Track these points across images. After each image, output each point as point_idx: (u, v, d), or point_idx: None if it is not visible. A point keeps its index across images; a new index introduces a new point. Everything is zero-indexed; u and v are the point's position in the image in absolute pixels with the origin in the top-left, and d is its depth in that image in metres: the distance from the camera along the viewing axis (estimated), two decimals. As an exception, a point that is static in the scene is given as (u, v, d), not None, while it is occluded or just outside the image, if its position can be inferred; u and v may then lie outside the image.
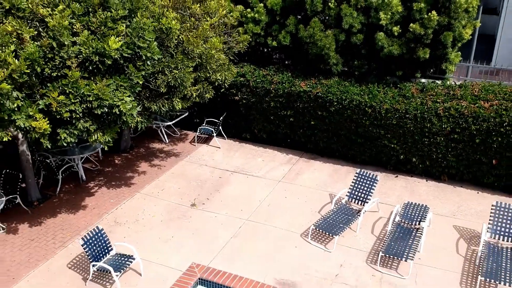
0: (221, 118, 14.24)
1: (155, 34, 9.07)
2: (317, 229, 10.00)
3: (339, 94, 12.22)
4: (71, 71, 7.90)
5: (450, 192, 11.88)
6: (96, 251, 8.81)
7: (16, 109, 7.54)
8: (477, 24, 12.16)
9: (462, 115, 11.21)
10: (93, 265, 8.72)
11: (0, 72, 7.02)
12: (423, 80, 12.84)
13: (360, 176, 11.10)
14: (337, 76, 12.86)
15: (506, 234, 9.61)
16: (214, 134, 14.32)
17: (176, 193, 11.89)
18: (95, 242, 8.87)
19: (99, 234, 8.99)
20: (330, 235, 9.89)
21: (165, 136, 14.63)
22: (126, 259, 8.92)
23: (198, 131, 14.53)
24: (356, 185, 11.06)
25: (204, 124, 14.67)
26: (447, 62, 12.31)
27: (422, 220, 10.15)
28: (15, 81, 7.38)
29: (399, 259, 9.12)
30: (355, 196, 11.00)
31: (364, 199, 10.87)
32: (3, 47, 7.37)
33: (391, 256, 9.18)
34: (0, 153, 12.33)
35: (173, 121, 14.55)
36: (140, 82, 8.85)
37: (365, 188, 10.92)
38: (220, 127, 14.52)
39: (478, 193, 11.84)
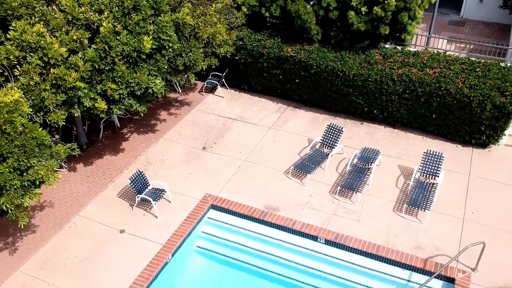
0: (224, 73, 17.46)
1: (173, 27, 12.14)
2: (296, 168, 13.73)
3: (318, 59, 15.37)
4: (118, 65, 11.15)
5: (401, 137, 15.46)
6: (139, 186, 12.60)
7: (83, 94, 10.90)
8: (432, 0, 14.97)
9: (411, 80, 14.48)
10: (138, 196, 12.56)
11: (74, 74, 10.30)
12: (387, 46, 15.92)
13: (330, 127, 14.63)
14: (317, 43, 15.91)
15: (430, 173, 13.32)
16: (218, 86, 17.64)
17: (190, 138, 15.50)
18: (138, 180, 12.62)
19: (140, 175, 12.73)
20: (305, 173, 13.64)
21: (179, 87, 17.93)
22: (160, 191, 12.75)
23: (205, 83, 17.82)
24: (327, 134, 14.62)
25: (210, 77, 17.91)
26: (406, 33, 15.29)
27: (373, 161, 13.83)
28: (82, 77, 10.68)
29: (352, 191, 12.93)
30: (325, 143, 14.61)
31: (332, 145, 14.49)
32: (73, 54, 10.58)
33: (347, 189, 12.97)
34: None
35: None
36: (166, 66, 12.11)
37: (333, 137, 14.50)
38: (223, 80, 17.79)
39: (422, 138, 15.41)
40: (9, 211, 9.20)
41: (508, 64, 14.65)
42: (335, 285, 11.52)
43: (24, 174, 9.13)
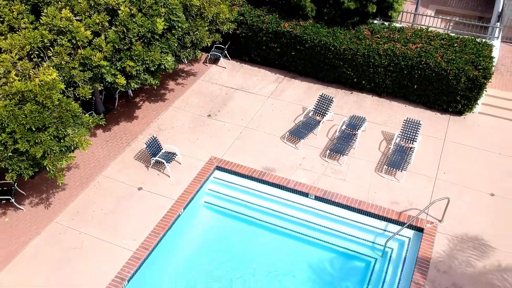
0: (226, 45, 19.01)
1: (182, 9, 13.66)
2: (291, 134, 15.52)
3: (312, 34, 16.91)
4: (135, 45, 12.77)
5: (386, 106, 17.18)
6: (153, 150, 14.43)
7: (106, 71, 12.56)
8: (417, -20, 16.38)
9: (395, 55, 16.07)
10: (152, 159, 14.41)
11: (99, 54, 11.94)
12: (375, 22, 17.41)
13: (322, 97, 16.33)
14: (312, 19, 17.38)
15: (409, 138, 15.11)
16: (221, 57, 19.21)
17: (197, 106, 17.22)
18: (153, 144, 14.44)
19: (154, 140, 14.53)
20: (299, 138, 15.44)
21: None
22: (171, 154, 14.60)
23: (209, 55, 19.39)
24: (319, 104, 16.34)
25: (213, 49, 19.46)
26: (392, 10, 16.76)
27: (359, 128, 15.60)
28: (105, 56, 12.32)
29: (339, 154, 14.77)
30: (318, 111, 16.34)
31: (323, 113, 16.23)
32: (96, 35, 12.18)
33: (335, 152, 14.80)
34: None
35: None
36: (175, 44, 13.71)
37: (325, 106, 16.22)
38: (226, 52, 19.34)
39: (405, 106, 17.13)
40: (50, 171, 11.05)
41: (484, 40, 16.19)
42: (323, 234, 13.50)
43: (62, 141, 10.92)
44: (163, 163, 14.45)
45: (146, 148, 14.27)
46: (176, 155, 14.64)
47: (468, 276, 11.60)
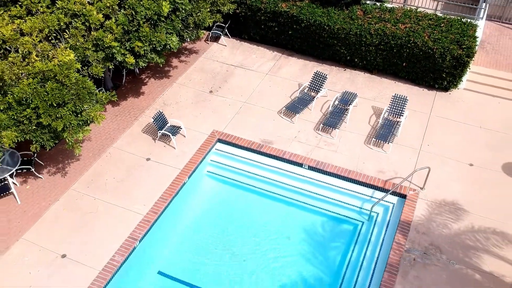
0: (227, 24, 20.00)
1: (185, -9, 14.67)
2: (287, 109, 16.70)
3: (308, 15, 17.91)
4: (143, 27, 13.83)
5: (377, 82, 18.30)
6: (160, 124, 15.64)
7: (116, 51, 13.65)
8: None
9: (385, 34, 17.11)
10: (159, 132, 15.63)
11: (110, 36, 13.02)
12: (368, 2, 18.38)
13: (316, 74, 17.44)
14: (308, -1, 18.39)
15: (396, 113, 16.29)
16: (222, 35, 20.22)
17: (199, 83, 18.34)
18: (159, 118, 15.64)
19: (160, 114, 15.72)
20: (294, 113, 16.63)
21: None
22: (177, 128, 15.82)
23: (210, 33, 20.40)
24: (313, 80, 17.46)
25: (214, 28, 20.46)
26: (383, -9, 17.74)
27: (351, 103, 16.77)
28: (116, 38, 13.41)
29: (332, 127, 15.98)
30: (312, 87, 17.48)
31: (318, 89, 17.37)
32: (106, 18, 13.23)
33: (328, 126, 16.01)
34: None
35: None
36: (180, 25, 14.77)
37: (319, 82, 17.35)
38: (226, 30, 20.34)
39: (395, 82, 18.26)
40: (69, 143, 12.29)
41: (469, 21, 17.20)
42: (316, 201, 14.82)
43: (79, 115, 12.12)
44: (169, 136, 15.67)
45: (153, 122, 15.47)
46: (181, 128, 15.85)
47: (444, 236, 12.95)
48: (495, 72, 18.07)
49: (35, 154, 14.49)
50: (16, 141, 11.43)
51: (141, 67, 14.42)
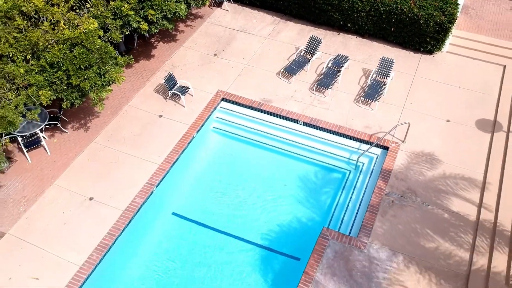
0: (229, -9, 21.45)
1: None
2: (285, 71, 18.42)
3: (304, -18, 19.36)
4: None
5: (368, 46, 19.92)
6: (170, 84, 17.40)
7: (132, 19, 15.23)
8: None
9: (375, 1, 18.62)
10: (170, 92, 17.42)
11: (127, 5, 14.59)
12: (360, -30, 19.76)
13: (312, 39, 19.06)
14: (304, -32, 19.75)
15: (383, 74, 18.02)
16: (225, 1, 21.67)
17: (204, 46, 19.97)
18: (169, 79, 17.38)
19: (171, 76, 17.45)
20: (291, 74, 18.35)
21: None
22: (185, 88, 17.60)
23: (214, -1, 21.89)
24: (309, 44, 19.10)
25: (217, -6, 21.91)
26: (375, -40, 19.08)
27: (343, 65, 18.47)
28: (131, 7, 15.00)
29: (325, 88, 17.75)
30: (308, 50, 19.13)
31: (313, 52, 19.03)
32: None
33: (321, 86, 17.78)
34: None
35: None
36: (187, -5, 16.32)
37: (314, 46, 18.99)
38: (229, -4, 21.82)
39: (384, 46, 19.88)
40: (95, 101, 14.11)
41: (452, -12, 18.68)
42: (309, 153, 16.77)
43: (103, 77, 13.88)
44: (179, 95, 17.46)
45: (164, 82, 17.22)
46: (189, 88, 17.63)
47: (420, 182, 14.97)
48: (477, 36, 19.67)
49: (61, 111, 16.32)
50: (51, 99, 13.24)
51: (153, 33, 16.04)
